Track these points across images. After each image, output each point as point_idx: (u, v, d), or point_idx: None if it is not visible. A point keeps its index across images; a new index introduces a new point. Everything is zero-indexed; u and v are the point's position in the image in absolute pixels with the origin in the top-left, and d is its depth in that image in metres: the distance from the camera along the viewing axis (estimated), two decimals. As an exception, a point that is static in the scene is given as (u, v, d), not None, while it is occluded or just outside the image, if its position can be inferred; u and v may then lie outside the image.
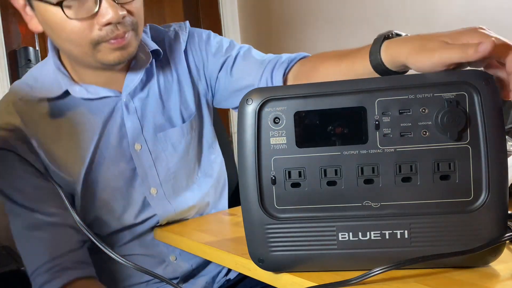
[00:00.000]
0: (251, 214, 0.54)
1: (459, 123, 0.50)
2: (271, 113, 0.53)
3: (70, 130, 0.83)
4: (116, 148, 0.85)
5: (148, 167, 0.87)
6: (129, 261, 0.64)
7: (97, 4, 0.71)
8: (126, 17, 0.74)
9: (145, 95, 0.87)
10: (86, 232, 0.67)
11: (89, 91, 0.82)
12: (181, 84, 0.91)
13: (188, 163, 0.92)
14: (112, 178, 0.85)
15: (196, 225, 0.84)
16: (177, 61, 0.91)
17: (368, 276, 0.50)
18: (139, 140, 0.86)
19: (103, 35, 0.73)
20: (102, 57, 0.76)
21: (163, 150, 0.88)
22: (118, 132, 0.85)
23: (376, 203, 0.52)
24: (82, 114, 0.83)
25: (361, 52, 0.66)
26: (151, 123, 0.87)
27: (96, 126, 0.83)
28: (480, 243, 0.50)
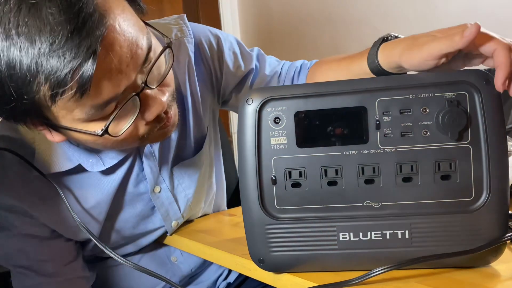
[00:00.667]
0: (252, 215, 0.54)
1: (460, 123, 0.49)
2: (272, 113, 0.53)
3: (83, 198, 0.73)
4: (132, 193, 0.77)
5: (169, 204, 0.81)
6: (129, 262, 0.64)
7: (137, 103, 0.57)
8: (165, 96, 0.61)
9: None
10: (88, 232, 0.67)
11: (105, 161, 0.71)
12: (196, 106, 0.80)
13: (204, 186, 0.87)
14: (128, 220, 0.79)
15: (196, 226, 0.84)
16: (190, 80, 0.79)
17: (369, 276, 0.49)
18: (158, 183, 0.79)
19: (152, 127, 0.62)
20: (150, 142, 0.69)
21: (180, 183, 0.82)
22: (136, 178, 0.76)
23: (377, 203, 0.52)
24: (97, 182, 0.73)
25: (361, 54, 0.67)
26: (167, 160, 0.79)
27: (113, 185, 0.74)
28: (481, 243, 0.50)
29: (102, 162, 0.71)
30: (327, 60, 0.80)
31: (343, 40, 1.77)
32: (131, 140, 0.61)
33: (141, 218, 0.80)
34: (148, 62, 0.57)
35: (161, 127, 0.63)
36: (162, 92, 0.61)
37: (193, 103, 0.80)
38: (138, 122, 0.60)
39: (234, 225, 0.84)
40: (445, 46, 0.51)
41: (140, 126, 0.61)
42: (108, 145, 0.61)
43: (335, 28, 1.80)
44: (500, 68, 0.49)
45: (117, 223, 0.78)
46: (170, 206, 0.81)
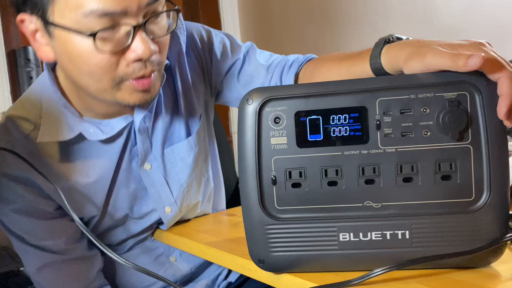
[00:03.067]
0: (252, 215, 0.54)
1: (460, 123, 0.49)
2: (272, 113, 0.53)
3: (87, 171, 0.77)
4: (126, 170, 0.80)
5: (161, 186, 0.83)
6: (129, 262, 0.64)
7: (129, 37, 0.63)
8: (155, 55, 0.67)
9: (153, 112, 0.81)
10: (87, 233, 0.67)
11: (104, 131, 0.76)
12: (186, 93, 0.84)
13: (198, 174, 0.89)
14: (122, 201, 0.81)
15: (196, 226, 0.84)
16: (181, 67, 0.83)
17: (369, 277, 0.49)
18: (148, 160, 0.81)
19: (129, 72, 0.66)
20: (122, 97, 0.69)
21: (172, 167, 0.84)
22: (129, 154, 0.80)
23: (377, 203, 0.52)
24: (98, 152, 0.77)
25: (362, 55, 0.66)
26: (159, 139, 0.82)
27: (113, 159, 0.79)
28: (481, 244, 0.50)
29: (101, 131, 0.75)
30: (325, 60, 0.79)
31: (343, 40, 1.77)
32: (107, 76, 0.66)
33: (134, 198, 0.82)
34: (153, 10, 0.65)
35: (137, 85, 0.67)
36: (155, 45, 0.66)
37: (184, 89, 0.83)
38: (120, 58, 0.65)
39: (234, 225, 0.84)
40: (446, 65, 0.49)
41: (121, 64, 0.65)
42: (86, 71, 0.66)
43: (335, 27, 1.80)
44: (503, 98, 0.48)
45: (113, 202, 0.80)
46: (161, 188, 0.83)
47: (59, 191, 0.69)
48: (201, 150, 0.88)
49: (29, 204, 0.74)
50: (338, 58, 0.75)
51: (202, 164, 0.89)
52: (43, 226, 0.76)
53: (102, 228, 0.82)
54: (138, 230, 0.85)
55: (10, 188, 0.73)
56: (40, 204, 0.75)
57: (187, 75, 0.84)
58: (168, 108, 0.82)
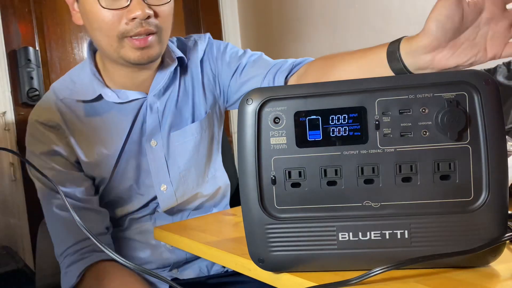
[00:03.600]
0: (251, 214, 0.54)
1: (459, 123, 0.49)
2: (271, 113, 0.53)
3: (104, 130, 0.92)
4: (136, 143, 0.94)
5: (161, 164, 0.94)
6: (130, 262, 0.64)
7: (128, 0, 0.80)
8: (152, 19, 0.83)
9: (167, 97, 0.95)
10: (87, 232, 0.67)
11: (119, 96, 0.91)
12: (194, 90, 0.98)
13: (199, 163, 0.99)
14: (130, 170, 0.94)
15: (196, 225, 0.84)
16: (193, 68, 0.98)
17: (368, 276, 0.50)
18: (156, 137, 0.94)
19: (128, 29, 0.81)
20: (125, 53, 0.84)
21: (174, 149, 0.95)
22: (140, 129, 0.94)
23: (376, 203, 0.52)
24: (113, 115, 0.92)
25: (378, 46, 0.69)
26: (168, 122, 0.95)
27: (125, 125, 0.93)
28: (480, 243, 0.50)
29: (117, 96, 0.91)
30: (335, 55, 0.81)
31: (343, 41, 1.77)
32: (112, 31, 0.82)
33: (140, 171, 0.94)
34: None
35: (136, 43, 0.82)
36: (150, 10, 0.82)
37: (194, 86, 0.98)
38: (121, 17, 0.81)
39: (234, 225, 0.84)
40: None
41: (122, 21, 0.82)
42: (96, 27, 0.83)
43: (335, 28, 1.80)
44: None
45: (122, 170, 0.93)
46: (161, 166, 0.95)
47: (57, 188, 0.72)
48: (202, 141, 0.98)
49: (56, 149, 0.89)
50: (351, 51, 0.78)
51: (205, 157, 0.99)
52: (63, 174, 0.90)
53: (109, 197, 0.94)
54: (138, 206, 0.95)
55: (45, 134, 0.90)
56: (65, 152, 0.90)
57: (199, 75, 0.98)
58: (179, 98, 0.97)
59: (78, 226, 0.80)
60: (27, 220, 1.71)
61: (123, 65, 0.89)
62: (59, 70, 1.80)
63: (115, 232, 0.97)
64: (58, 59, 1.80)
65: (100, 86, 0.91)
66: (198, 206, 1.03)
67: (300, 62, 0.91)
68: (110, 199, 0.95)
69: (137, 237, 0.97)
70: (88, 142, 0.91)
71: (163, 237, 0.84)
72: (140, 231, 0.97)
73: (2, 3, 1.67)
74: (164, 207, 0.96)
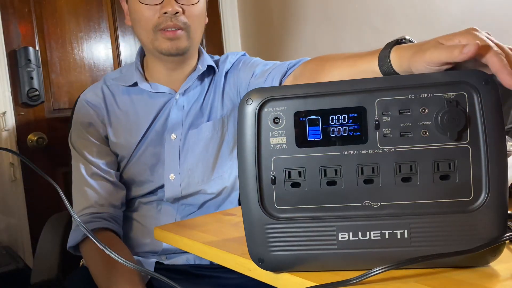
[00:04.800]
0: (251, 214, 0.54)
1: (459, 123, 0.50)
2: (271, 113, 0.53)
3: (132, 114, 1.08)
4: (158, 133, 1.07)
5: (174, 155, 1.06)
6: (130, 262, 0.64)
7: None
8: (181, 16, 1.00)
9: (194, 99, 1.10)
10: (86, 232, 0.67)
11: (152, 86, 1.08)
12: (215, 95, 1.11)
13: (206, 160, 1.08)
14: (147, 156, 1.06)
15: (196, 225, 0.84)
16: (219, 77, 1.12)
17: (368, 276, 0.50)
18: (176, 132, 1.07)
19: (160, 22, 0.99)
20: (158, 44, 1.01)
21: (189, 144, 1.07)
22: (164, 121, 1.07)
23: (376, 203, 0.52)
24: (143, 102, 1.09)
25: (370, 53, 0.69)
26: (189, 121, 1.08)
27: (151, 114, 1.07)
28: (480, 243, 0.50)
29: (150, 86, 1.08)
30: (328, 58, 0.81)
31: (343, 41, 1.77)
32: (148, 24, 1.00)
33: (157, 159, 1.06)
34: None
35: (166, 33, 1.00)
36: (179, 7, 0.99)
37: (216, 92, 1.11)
38: (156, 11, 0.99)
39: (234, 225, 0.84)
40: (443, 57, 0.51)
41: (156, 15, 0.99)
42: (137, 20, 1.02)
43: (335, 28, 1.80)
44: (500, 72, 0.49)
45: (140, 154, 1.06)
46: (174, 156, 1.06)
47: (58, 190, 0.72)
48: (213, 141, 1.08)
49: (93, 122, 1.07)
50: (343, 56, 0.77)
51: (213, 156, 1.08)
52: (93, 144, 1.05)
53: (125, 176, 1.07)
54: (148, 191, 1.06)
55: (87, 109, 1.08)
56: (98, 126, 1.07)
57: (222, 83, 1.12)
58: (204, 101, 1.10)
59: (99, 193, 1.01)
60: (27, 220, 1.71)
61: (159, 59, 1.05)
62: (59, 70, 1.80)
63: (124, 211, 1.08)
64: (58, 59, 1.80)
65: (138, 76, 1.08)
66: (202, 205, 1.08)
67: (295, 63, 0.95)
68: (125, 180, 1.07)
69: (140, 220, 1.07)
70: (118, 122, 1.07)
71: (163, 237, 0.84)
72: (145, 215, 1.07)
73: (2, 3, 1.67)
74: (169, 196, 1.05)
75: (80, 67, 1.85)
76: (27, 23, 1.74)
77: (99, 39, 1.89)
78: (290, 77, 0.93)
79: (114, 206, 1.02)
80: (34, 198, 1.71)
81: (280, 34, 2.05)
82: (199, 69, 1.09)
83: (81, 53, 1.86)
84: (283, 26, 2.03)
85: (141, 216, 1.08)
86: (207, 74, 1.12)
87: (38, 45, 1.77)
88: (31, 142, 1.72)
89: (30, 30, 1.74)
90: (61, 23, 1.82)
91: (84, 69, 1.85)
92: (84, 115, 1.08)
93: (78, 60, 1.85)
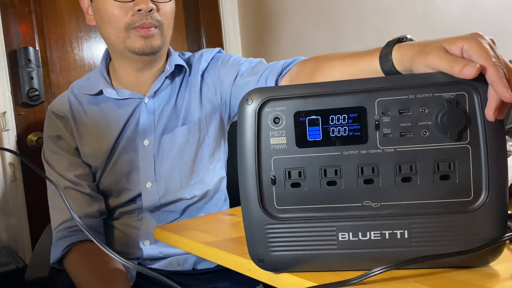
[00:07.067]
0: (251, 214, 0.54)
1: (459, 123, 0.50)
2: (271, 113, 0.53)
3: (101, 123, 1.03)
4: (130, 140, 1.02)
5: (149, 162, 1.02)
6: (130, 262, 0.64)
7: None
8: (155, 13, 0.95)
9: (165, 101, 1.05)
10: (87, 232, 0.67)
11: (118, 93, 1.03)
12: (191, 97, 1.06)
13: (183, 166, 1.04)
14: (121, 164, 1.02)
15: (196, 225, 0.84)
16: (194, 78, 1.07)
17: (368, 276, 0.50)
18: (149, 137, 1.02)
19: (134, 20, 0.94)
20: (130, 43, 0.96)
21: (162, 150, 1.02)
22: (135, 127, 1.03)
23: (376, 203, 0.52)
24: (111, 110, 1.04)
25: (370, 52, 0.68)
26: (162, 125, 1.03)
27: (120, 121, 1.02)
28: (480, 243, 0.50)
29: (116, 93, 1.03)
30: (327, 58, 0.80)
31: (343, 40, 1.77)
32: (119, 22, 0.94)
33: (131, 166, 1.02)
34: None
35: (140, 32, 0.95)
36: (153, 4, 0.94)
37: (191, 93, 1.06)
38: (128, 8, 0.94)
39: (234, 224, 0.85)
40: (443, 68, 0.50)
41: (128, 13, 0.94)
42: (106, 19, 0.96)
43: (335, 28, 1.80)
44: (491, 100, 0.48)
45: (113, 163, 1.02)
46: (149, 164, 1.02)
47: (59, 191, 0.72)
48: (189, 145, 1.04)
49: (61, 135, 1.03)
50: (342, 56, 0.76)
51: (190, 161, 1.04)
52: (64, 157, 1.03)
53: (102, 186, 1.04)
54: (126, 199, 1.03)
55: (54, 121, 1.05)
56: (67, 138, 1.04)
57: (198, 83, 1.06)
58: (177, 104, 1.05)
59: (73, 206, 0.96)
60: (27, 220, 1.71)
61: (128, 59, 1.00)
62: (59, 70, 1.80)
63: (106, 220, 1.06)
64: (58, 59, 1.80)
65: (103, 83, 1.03)
66: (184, 211, 1.06)
67: (290, 62, 0.94)
68: (102, 189, 1.04)
69: (122, 229, 1.05)
70: (87, 132, 1.03)
71: (163, 237, 0.84)
72: (126, 224, 1.05)
73: (2, 3, 1.67)
74: (147, 205, 1.02)
75: (80, 67, 1.85)
76: (27, 23, 1.74)
77: (99, 39, 1.89)
78: (287, 77, 0.91)
79: (91, 216, 1.00)
80: (34, 198, 1.71)
81: (280, 34, 2.05)
82: (167, 69, 1.04)
83: (81, 53, 1.86)
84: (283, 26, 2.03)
85: (123, 225, 1.05)
86: (177, 73, 1.07)
87: (38, 45, 1.77)
88: (31, 142, 1.72)
89: (30, 30, 1.74)
90: (61, 23, 1.82)
91: (84, 69, 1.85)
92: (52, 128, 1.05)
93: (78, 60, 1.85)
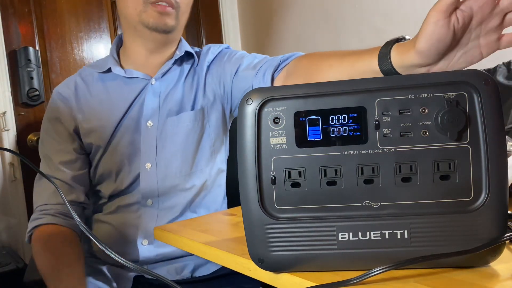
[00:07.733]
0: (251, 214, 0.54)
1: (459, 123, 0.50)
2: (271, 113, 0.53)
3: (106, 100, 1.05)
4: (134, 121, 1.03)
5: (151, 143, 1.03)
6: (129, 262, 0.64)
7: None
8: None
9: (172, 84, 1.07)
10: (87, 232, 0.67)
11: (126, 72, 1.06)
12: (198, 86, 1.08)
13: (186, 152, 1.05)
14: (124, 145, 1.03)
15: (196, 225, 0.84)
16: (200, 68, 1.09)
17: (368, 276, 0.50)
18: (153, 118, 1.03)
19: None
20: (146, 17, 0.98)
21: (167, 132, 1.03)
22: (139, 108, 1.04)
23: (376, 203, 0.52)
24: (117, 87, 1.06)
25: (369, 52, 0.68)
26: (167, 108, 1.04)
27: (126, 100, 1.04)
28: (480, 243, 0.50)
29: (124, 72, 1.06)
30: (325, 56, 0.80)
31: (343, 40, 1.77)
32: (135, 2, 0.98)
33: (134, 148, 1.03)
34: None
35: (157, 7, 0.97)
36: None
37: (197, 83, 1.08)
38: None
39: (234, 224, 0.84)
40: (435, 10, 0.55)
41: None
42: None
43: (335, 27, 1.80)
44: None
45: (116, 142, 1.03)
46: (151, 145, 1.03)
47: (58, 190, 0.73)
48: (193, 131, 1.05)
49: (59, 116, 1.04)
50: (340, 55, 0.76)
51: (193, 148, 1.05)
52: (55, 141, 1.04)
53: (102, 169, 1.04)
54: (126, 183, 1.03)
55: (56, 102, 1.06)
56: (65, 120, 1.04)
57: (204, 73, 1.08)
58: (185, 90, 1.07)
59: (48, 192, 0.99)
60: (27, 220, 1.71)
61: (141, 37, 1.02)
62: (59, 70, 1.80)
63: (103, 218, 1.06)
64: (58, 59, 1.80)
65: (113, 63, 1.07)
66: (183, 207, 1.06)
67: (288, 57, 0.94)
68: (102, 172, 1.05)
69: (119, 227, 1.04)
70: (90, 110, 1.05)
71: (163, 236, 0.84)
72: (124, 223, 1.04)
73: (2, 3, 1.67)
74: (145, 187, 1.02)
75: (80, 67, 1.84)
76: (27, 23, 1.74)
77: (99, 39, 1.90)
78: (283, 72, 0.92)
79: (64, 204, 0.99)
80: (34, 198, 1.71)
81: (280, 34, 2.05)
82: (176, 54, 1.07)
83: (81, 53, 1.86)
84: (283, 26, 2.03)
85: (120, 223, 1.04)
86: (186, 60, 1.10)
87: (38, 45, 1.77)
88: (31, 142, 1.73)
89: (30, 30, 1.74)
90: (61, 23, 1.82)
91: (84, 69, 1.85)
92: (52, 110, 1.07)
93: (78, 60, 1.85)
